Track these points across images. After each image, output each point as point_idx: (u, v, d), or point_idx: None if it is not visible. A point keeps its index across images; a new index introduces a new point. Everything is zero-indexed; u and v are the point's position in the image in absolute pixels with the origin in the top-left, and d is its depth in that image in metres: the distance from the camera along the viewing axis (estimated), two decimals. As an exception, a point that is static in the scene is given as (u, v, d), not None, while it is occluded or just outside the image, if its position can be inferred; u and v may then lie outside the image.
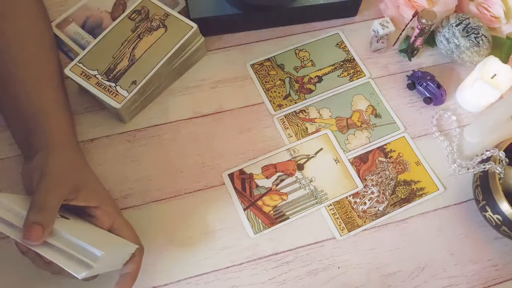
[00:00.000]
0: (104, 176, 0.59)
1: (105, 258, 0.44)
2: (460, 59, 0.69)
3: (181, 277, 0.56)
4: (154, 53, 0.62)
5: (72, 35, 0.67)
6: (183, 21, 0.65)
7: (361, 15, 0.75)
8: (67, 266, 0.43)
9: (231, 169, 0.62)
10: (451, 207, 0.62)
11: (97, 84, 0.60)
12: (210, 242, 0.58)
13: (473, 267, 0.59)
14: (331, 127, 0.66)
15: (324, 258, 0.58)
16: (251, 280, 0.56)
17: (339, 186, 0.62)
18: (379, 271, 0.58)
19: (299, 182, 0.62)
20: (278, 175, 0.62)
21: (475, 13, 0.72)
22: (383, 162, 0.64)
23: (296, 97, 0.68)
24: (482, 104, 0.67)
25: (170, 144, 0.64)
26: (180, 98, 0.67)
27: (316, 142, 0.65)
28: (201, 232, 0.59)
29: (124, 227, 0.52)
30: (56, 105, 0.57)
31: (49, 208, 0.45)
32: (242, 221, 0.59)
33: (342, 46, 0.72)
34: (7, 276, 0.55)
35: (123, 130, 0.64)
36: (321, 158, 0.64)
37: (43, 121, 0.54)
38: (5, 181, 0.59)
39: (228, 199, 0.61)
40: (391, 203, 0.61)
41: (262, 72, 0.70)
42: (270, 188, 0.62)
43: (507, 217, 0.54)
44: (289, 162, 0.63)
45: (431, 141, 0.66)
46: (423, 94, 0.68)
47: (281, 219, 0.60)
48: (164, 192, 0.61)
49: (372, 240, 0.59)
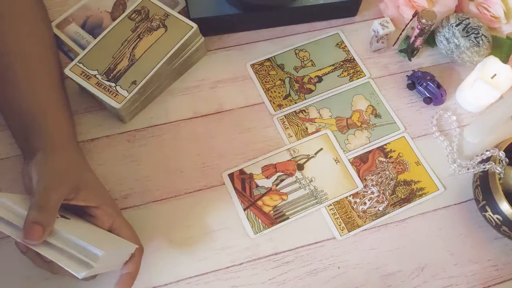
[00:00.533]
0: (104, 176, 0.59)
1: (105, 257, 0.44)
2: (460, 59, 0.69)
3: (181, 277, 0.56)
4: (154, 53, 0.62)
5: (72, 35, 0.67)
6: (183, 21, 0.65)
7: (361, 15, 0.75)
8: (67, 266, 0.43)
9: (231, 169, 0.62)
10: (451, 207, 0.62)
11: (97, 84, 0.60)
12: (210, 242, 0.58)
13: (473, 267, 0.59)
14: (331, 127, 0.66)
15: (324, 258, 0.58)
16: (251, 280, 0.56)
17: (339, 186, 0.62)
18: (379, 271, 0.58)
19: (299, 182, 0.62)
20: (278, 175, 0.62)
21: (475, 13, 0.72)
22: (383, 162, 0.64)
23: (296, 97, 0.68)
24: (482, 104, 0.67)
25: (170, 144, 0.64)
26: (180, 98, 0.67)
27: (316, 142, 0.65)
28: (201, 232, 0.59)
29: (124, 227, 0.52)
30: (55, 105, 0.57)
31: (49, 207, 0.45)
32: (242, 221, 0.59)
33: (342, 46, 0.72)
34: (7, 276, 0.55)
35: (123, 130, 0.64)
36: (321, 158, 0.64)
37: (43, 121, 0.54)
38: (5, 181, 0.59)
39: (228, 199, 0.61)
40: (391, 203, 0.61)
41: (262, 72, 0.70)
42: (270, 188, 0.62)
43: (507, 217, 0.54)
44: (289, 162, 0.63)
45: (431, 141, 0.66)
46: (423, 94, 0.68)
47: (281, 219, 0.60)
48: (164, 192, 0.61)
49: (372, 240, 0.59)
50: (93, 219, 0.51)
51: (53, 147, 0.53)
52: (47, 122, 0.55)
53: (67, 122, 0.57)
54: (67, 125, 0.57)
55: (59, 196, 0.47)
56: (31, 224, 0.43)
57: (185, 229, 0.59)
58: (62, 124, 0.56)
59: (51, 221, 0.44)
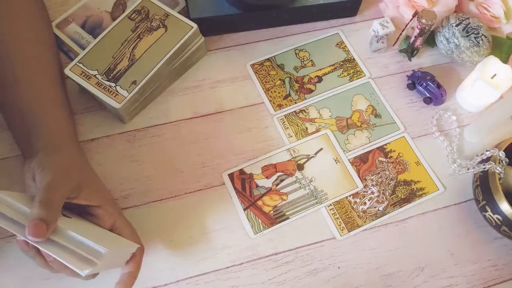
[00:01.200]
0: (104, 176, 0.59)
1: (108, 255, 0.44)
2: (460, 59, 0.69)
3: (181, 277, 0.56)
4: (154, 53, 0.62)
5: (72, 35, 0.67)
6: (183, 21, 0.64)
7: (361, 15, 0.75)
8: (70, 263, 0.43)
9: (231, 169, 0.62)
10: (451, 207, 0.62)
11: (97, 84, 0.60)
12: (210, 242, 0.58)
13: (473, 267, 0.59)
14: (331, 127, 0.66)
15: (324, 258, 0.58)
16: (251, 280, 0.56)
17: (339, 186, 0.62)
18: (379, 271, 0.58)
19: (299, 182, 0.62)
20: (278, 175, 0.62)
21: (475, 13, 0.72)
22: (383, 162, 0.64)
23: (296, 97, 0.68)
24: (482, 104, 0.67)
25: (170, 144, 0.64)
26: (180, 98, 0.67)
27: (316, 142, 0.65)
28: (201, 232, 0.59)
29: (125, 226, 0.53)
30: (56, 105, 0.57)
31: (53, 204, 0.45)
32: (242, 221, 0.59)
33: (342, 46, 0.72)
34: (8, 276, 0.55)
35: (123, 130, 0.64)
36: (321, 158, 0.64)
37: (44, 121, 0.54)
38: (5, 181, 0.59)
39: (228, 199, 0.61)
40: (391, 203, 0.62)
41: (262, 72, 0.70)
42: (270, 188, 0.62)
43: (507, 217, 0.54)
44: (289, 162, 0.63)
45: (431, 141, 0.66)
46: (423, 94, 0.68)
47: (281, 219, 0.60)
48: (164, 192, 0.61)
49: (372, 240, 0.59)
50: (95, 218, 0.51)
51: (54, 146, 0.53)
52: (47, 121, 0.55)
53: (68, 121, 0.57)
54: (67, 124, 0.57)
55: (63, 194, 0.47)
56: (35, 221, 0.43)
57: (185, 229, 0.59)
58: (62, 123, 0.56)
59: (55, 218, 0.44)
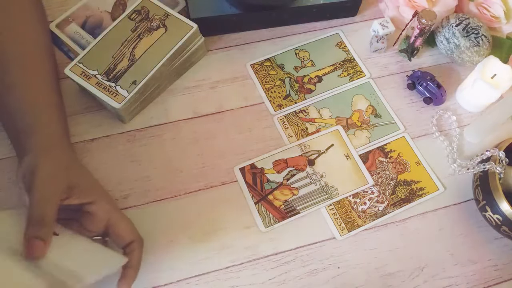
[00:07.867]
0: (104, 176, 0.59)
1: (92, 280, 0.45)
2: (460, 59, 0.69)
3: (181, 277, 0.56)
4: (154, 53, 0.62)
5: (72, 35, 0.67)
6: (183, 21, 0.64)
7: (361, 15, 0.75)
8: None
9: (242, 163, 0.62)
10: (451, 207, 0.62)
11: (97, 84, 0.60)
12: (210, 242, 0.58)
13: (473, 267, 0.59)
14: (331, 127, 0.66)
15: (324, 258, 0.58)
16: (251, 280, 0.56)
17: (350, 182, 0.62)
18: (379, 271, 0.58)
19: (310, 177, 0.62)
20: (289, 170, 0.62)
21: (475, 13, 0.73)
22: (383, 162, 0.64)
23: (296, 97, 0.68)
24: (482, 104, 0.67)
25: (170, 144, 0.64)
26: (180, 98, 0.67)
27: (327, 138, 0.65)
28: (201, 232, 0.59)
29: (121, 221, 0.52)
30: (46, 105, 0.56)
31: (47, 220, 0.45)
32: (253, 215, 0.59)
33: (342, 46, 0.72)
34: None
35: (123, 130, 0.64)
36: (332, 154, 0.64)
37: (32, 121, 0.53)
38: (4, 181, 0.59)
39: (230, 199, 0.60)
40: (391, 203, 0.62)
41: (262, 72, 0.70)
42: (281, 183, 0.62)
43: (507, 217, 0.54)
44: (300, 158, 0.63)
45: (431, 141, 0.66)
46: (423, 94, 0.68)
47: (292, 213, 0.60)
48: (164, 192, 0.61)
49: (372, 240, 0.59)
50: (90, 215, 0.50)
51: (41, 148, 0.51)
52: (35, 122, 0.53)
53: (57, 122, 0.56)
54: (57, 125, 0.56)
55: (54, 206, 0.46)
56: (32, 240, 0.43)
57: (185, 229, 0.59)
58: (51, 124, 0.55)
59: (50, 234, 0.44)
